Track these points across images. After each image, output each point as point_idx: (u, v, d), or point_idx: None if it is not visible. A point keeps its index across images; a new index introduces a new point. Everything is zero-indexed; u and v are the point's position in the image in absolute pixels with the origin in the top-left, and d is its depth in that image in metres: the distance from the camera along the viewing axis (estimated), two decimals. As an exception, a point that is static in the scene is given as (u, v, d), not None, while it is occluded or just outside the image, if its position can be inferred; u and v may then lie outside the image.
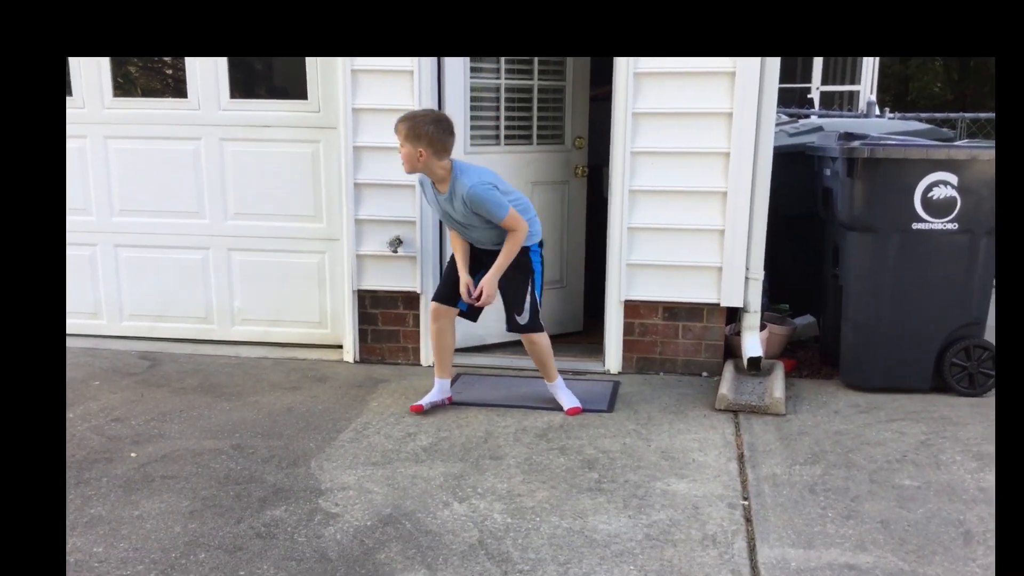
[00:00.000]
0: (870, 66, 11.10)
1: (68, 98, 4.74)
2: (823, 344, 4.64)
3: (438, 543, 2.81)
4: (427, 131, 3.58)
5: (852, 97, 11.31)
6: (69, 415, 3.91)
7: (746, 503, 3.06)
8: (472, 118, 4.57)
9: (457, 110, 4.45)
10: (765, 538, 2.82)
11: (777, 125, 5.35)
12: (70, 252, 4.90)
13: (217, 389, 4.29)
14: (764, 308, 4.90)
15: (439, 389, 3.99)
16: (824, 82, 12.03)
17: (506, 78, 4.64)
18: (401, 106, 4.30)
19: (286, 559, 2.73)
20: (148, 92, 4.92)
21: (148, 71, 5.03)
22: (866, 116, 5.87)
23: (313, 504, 3.09)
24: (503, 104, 4.66)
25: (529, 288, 3.82)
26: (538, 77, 4.72)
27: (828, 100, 11.72)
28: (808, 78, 12.05)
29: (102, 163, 4.82)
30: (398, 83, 4.33)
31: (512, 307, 3.84)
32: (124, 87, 4.83)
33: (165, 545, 2.82)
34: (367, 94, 4.37)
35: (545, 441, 3.62)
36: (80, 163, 4.83)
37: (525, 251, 3.78)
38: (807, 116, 6.59)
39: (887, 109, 9.02)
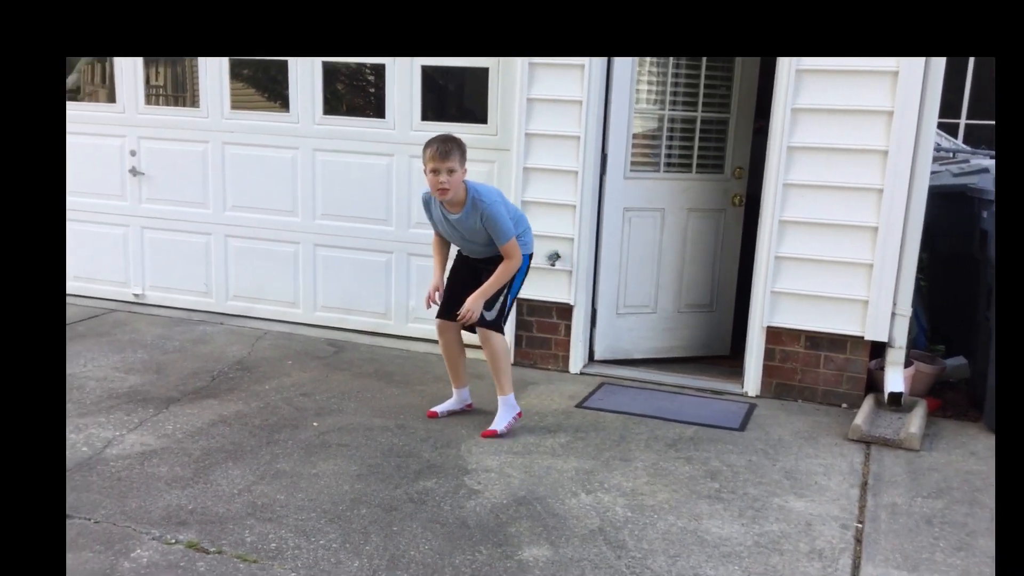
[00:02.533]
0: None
1: (284, 114, 5.50)
2: (972, 387, 4.59)
3: (562, 525, 3.16)
4: (466, 150, 3.80)
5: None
6: (265, 387, 4.58)
7: (860, 526, 3.20)
8: (634, 145, 4.89)
9: (620, 137, 4.81)
10: (871, 558, 2.96)
11: (943, 164, 5.32)
12: (277, 249, 5.67)
13: (389, 376, 4.84)
14: (921, 347, 4.91)
15: (456, 399, 4.26)
16: (972, 116, 11.54)
17: (670, 108, 4.94)
18: (569, 133, 4.72)
19: (432, 522, 3.17)
20: (352, 109, 5.58)
21: (354, 89, 5.69)
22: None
23: (459, 480, 3.52)
24: (665, 133, 4.96)
25: (505, 291, 3.96)
26: (702, 109, 4.98)
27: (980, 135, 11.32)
28: (956, 112, 11.55)
29: (310, 172, 5.54)
30: (568, 112, 4.73)
31: (485, 305, 3.94)
32: (332, 103, 5.51)
33: (335, 499, 3.34)
34: (539, 121, 4.80)
35: (674, 450, 3.88)
36: (291, 171, 5.57)
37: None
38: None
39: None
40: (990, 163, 5.03)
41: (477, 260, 4.03)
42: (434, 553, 2.95)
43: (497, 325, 4.00)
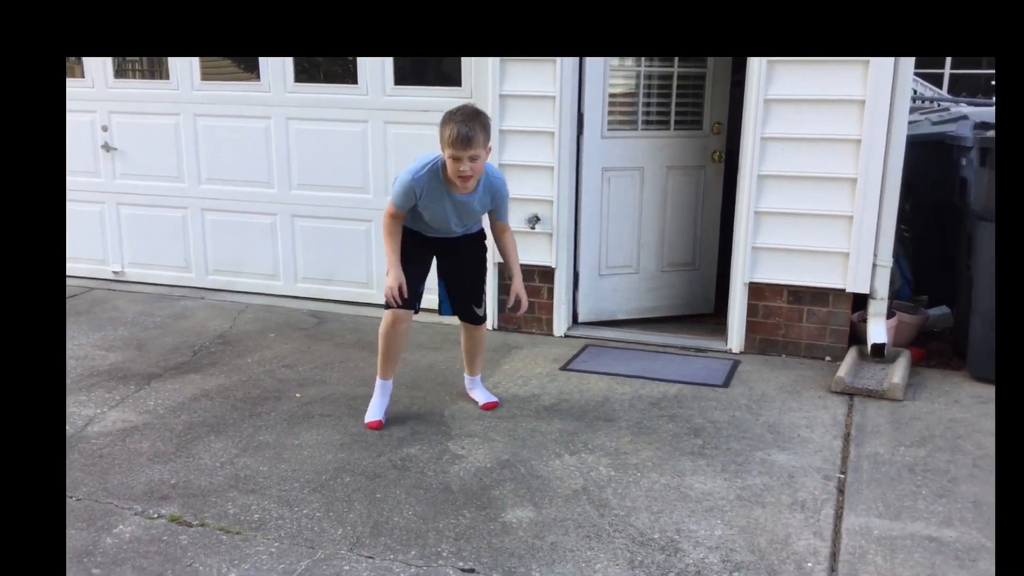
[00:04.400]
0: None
1: (255, 83, 5.40)
2: (956, 335, 4.60)
3: (546, 486, 3.15)
4: (490, 127, 3.34)
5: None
6: (247, 360, 4.55)
7: (842, 476, 3.21)
8: (610, 104, 4.83)
9: (596, 96, 4.74)
10: (853, 507, 2.97)
11: (922, 113, 5.28)
12: (255, 221, 5.60)
13: (372, 345, 4.76)
14: (905, 297, 4.90)
15: (387, 392, 3.81)
16: (957, 65, 11.57)
17: (646, 65, 4.87)
18: (544, 92, 4.65)
19: (416, 488, 3.16)
20: (325, 75, 5.48)
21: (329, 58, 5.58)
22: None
23: (443, 446, 3.50)
24: (642, 90, 4.90)
25: (484, 281, 3.81)
26: (679, 63, 4.91)
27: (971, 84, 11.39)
28: (940, 62, 11.55)
29: (284, 141, 5.46)
30: (542, 71, 4.65)
31: (473, 300, 3.76)
32: (305, 70, 5.40)
33: (318, 468, 3.32)
34: (513, 82, 4.72)
35: (657, 409, 3.88)
36: (265, 141, 5.49)
37: (485, 243, 3.77)
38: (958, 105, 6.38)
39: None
40: (969, 110, 4.99)
41: (439, 240, 3.64)
42: (418, 518, 2.95)
43: (486, 316, 3.90)
